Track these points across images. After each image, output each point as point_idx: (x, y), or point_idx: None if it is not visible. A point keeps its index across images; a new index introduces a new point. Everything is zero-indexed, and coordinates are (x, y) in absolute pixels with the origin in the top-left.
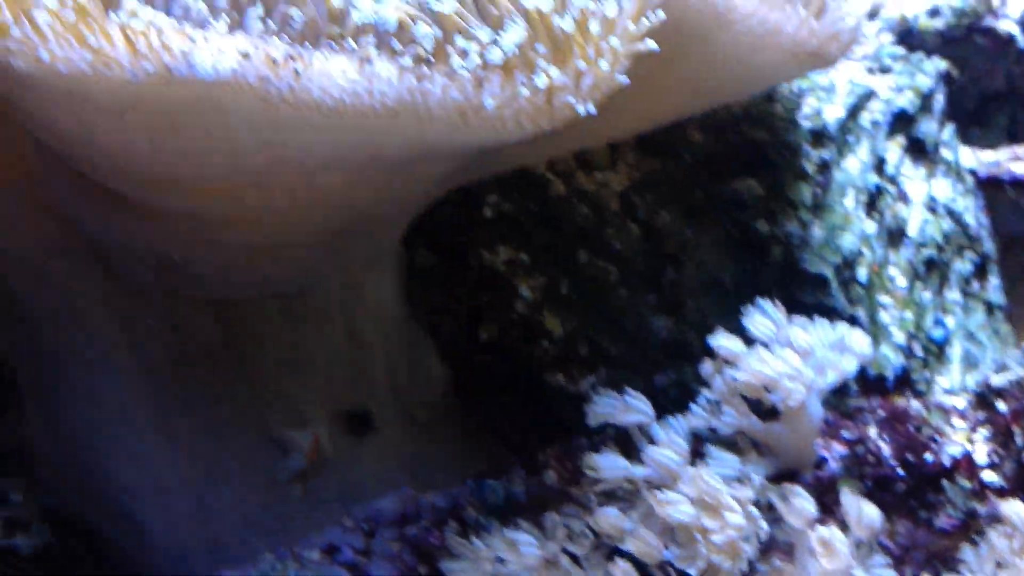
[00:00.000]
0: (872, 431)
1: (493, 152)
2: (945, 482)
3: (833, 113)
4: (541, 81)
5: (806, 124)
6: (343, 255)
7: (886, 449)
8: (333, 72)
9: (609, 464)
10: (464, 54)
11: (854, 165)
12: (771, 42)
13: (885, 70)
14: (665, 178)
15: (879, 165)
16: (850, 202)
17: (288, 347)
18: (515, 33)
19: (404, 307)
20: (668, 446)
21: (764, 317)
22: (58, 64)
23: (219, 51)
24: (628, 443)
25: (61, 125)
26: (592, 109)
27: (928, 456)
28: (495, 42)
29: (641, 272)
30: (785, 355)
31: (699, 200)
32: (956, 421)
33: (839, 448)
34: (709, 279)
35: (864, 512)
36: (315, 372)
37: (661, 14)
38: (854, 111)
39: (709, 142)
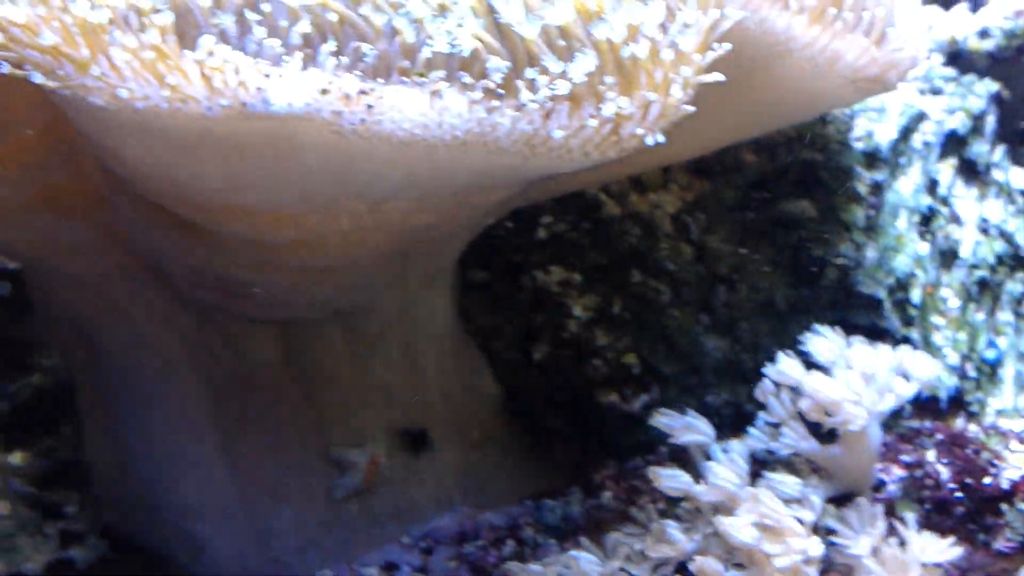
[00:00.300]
0: (931, 454)
1: (552, 177)
2: (1004, 505)
3: (886, 134)
4: (609, 111)
5: (859, 146)
6: (402, 275)
7: (945, 472)
8: (404, 106)
9: (672, 478)
10: (533, 85)
11: (907, 186)
12: (831, 70)
13: (936, 91)
14: (717, 199)
15: (931, 186)
16: (903, 223)
17: (347, 366)
18: (584, 63)
19: (459, 324)
20: (729, 467)
21: (824, 340)
22: (135, 101)
23: (293, 87)
24: (685, 463)
25: (132, 156)
26: (660, 138)
27: (987, 480)
28: (564, 73)
29: (694, 293)
30: (847, 379)
31: (752, 221)
32: (1014, 445)
33: (898, 471)
34: (762, 300)
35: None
36: (373, 390)
37: (726, 44)
38: (906, 132)
39: (762, 163)
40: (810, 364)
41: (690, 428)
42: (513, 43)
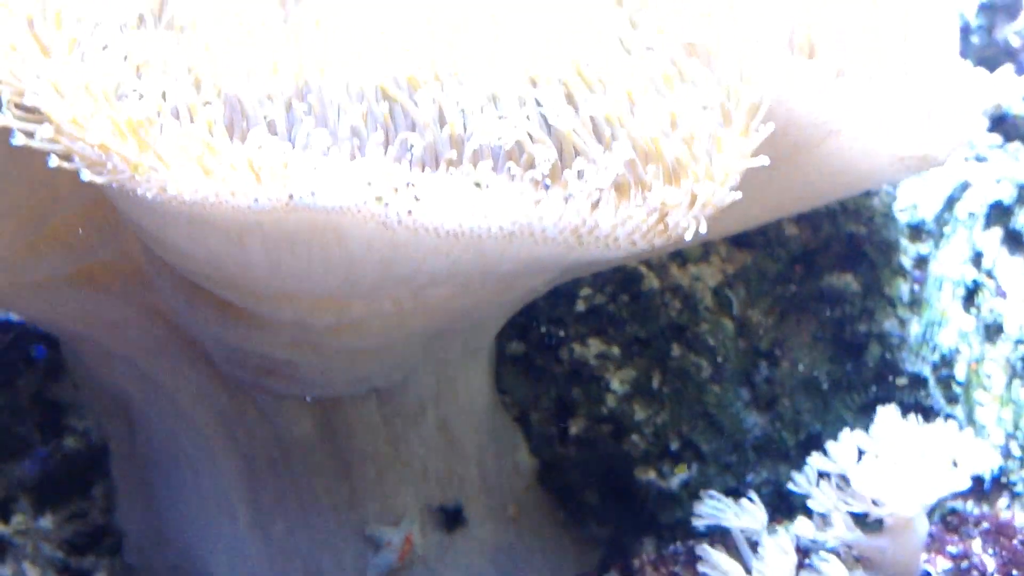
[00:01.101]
0: (976, 544)
1: (597, 261)
2: None
3: (930, 205)
4: (655, 201)
5: (903, 217)
6: (440, 353)
7: (991, 564)
8: (451, 197)
9: (725, 566)
10: (579, 176)
11: (951, 258)
12: (879, 149)
13: (981, 159)
14: (759, 272)
15: (976, 259)
16: (947, 297)
17: (384, 442)
18: (629, 152)
19: (495, 397)
20: (779, 559)
21: (876, 427)
22: (183, 194)
23: (341, 180)
24: (727, 546)
25: (176, 241)
26: (704, 227)
27: None
28: (610, 163)
29: (735, 368)
30: (897, 470)
31: (794, 295)
32: None
33: (943, 562)
34: (804, 376)
35: None
36: (409, 467)
37: (771, 126)
38: (951, 202)
39: (804, 235)
40: (858, 451)
41: (743, 513)
42: (559, 133)
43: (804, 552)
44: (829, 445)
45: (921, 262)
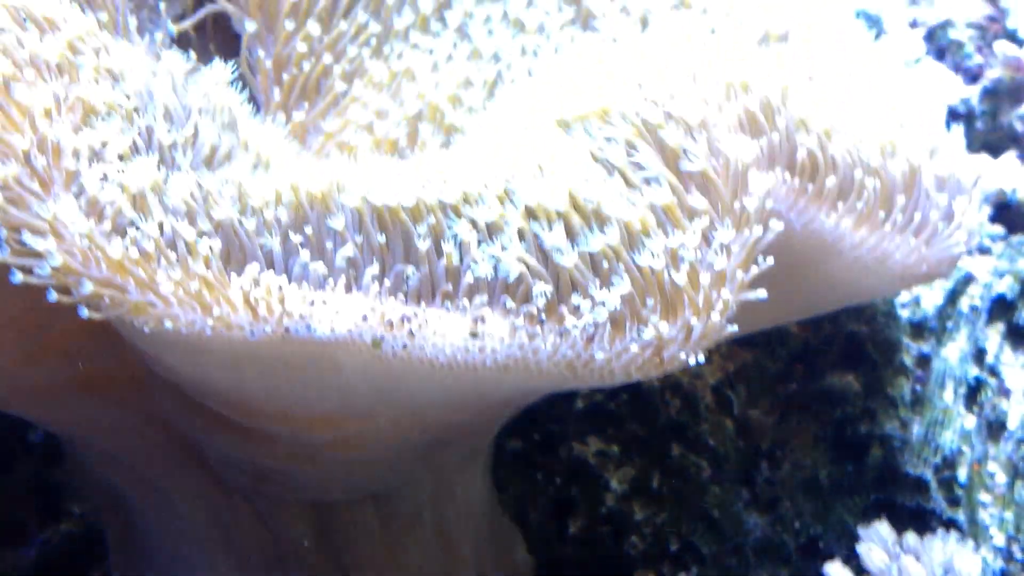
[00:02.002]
0: None
1: None
2: None
3: (932, 300)
4: (650, 335)
5: (904, 314)
6: (437, 458)
7: None
8: (447, 331)
9: None
10: (576, 310)
11: (953, 354)
12: (880, 268)
13: (984, 251)
14: (759, 370)
15: (979, 355)
16: (949, 396)
17: (381, 546)
18: (625, 288)
19: (493, 496)
20: None
21: (876, 546)
22: (180, 328)
23: (336, 313)
24: None
25: (173, 364)
26: (701, 359)
27: None
28: (606, 297)
29: (735, 468)
30: None
31: (795, 394)
32: None
33: None
34: (805, 477)
35: None
36: (407, 571)
37: (770, 260)
38: (953, 296)
39: (805, 334)
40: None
41: None
42: (556, 267)
43: None
44: (830, 567)
45: (923, 360)
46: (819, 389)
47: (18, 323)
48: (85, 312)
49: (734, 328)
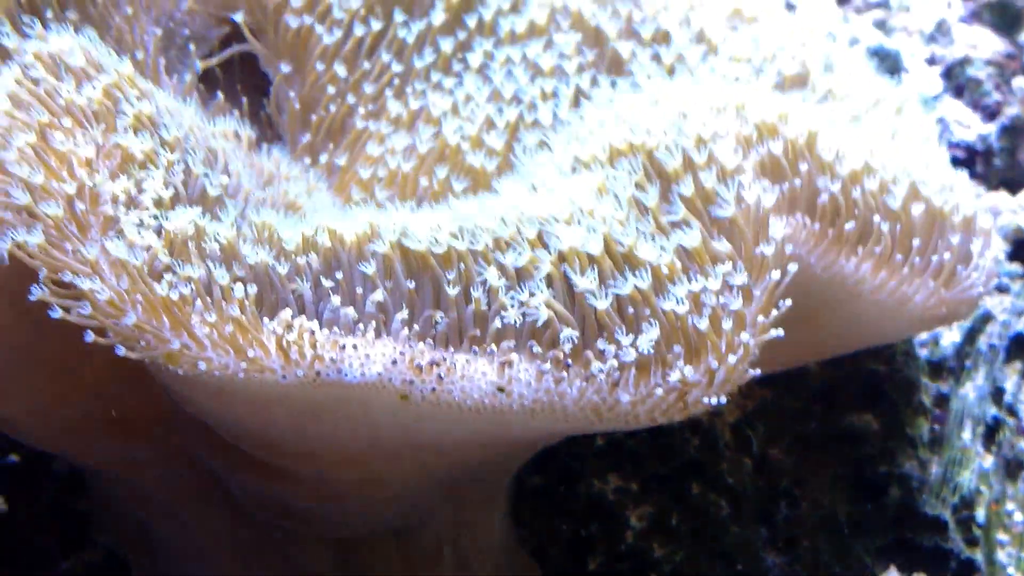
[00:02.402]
0: None
1: None
2: None
3: (950, 338)
4: (675, 379)
5: (923, 353)
6: (459, 494)
7: None
8: (475, 376)
9: None
10: (602, 355)
11: (972, 393)
12: (900, 311)
13: (1003, 289)
14: (779, 409)
15: (997, 394)
16: (967, 435)
17: None
18: (652, 333)
19: (512, 532)
20: None
21: None
22: (214, 371)
23: (367, 357)
24: None
25: (203, 404)
26: (723, 401)
27: None
28: (633, 343)
29: (754, 506)
30: None
31: (814, 433)
32: None
33: None
34: (824, 516)
35: None
36: None
37: (788, 302)
38: (971, 335)
39: (825, 373)
40: None
41: None
42: (584, 312)
43: None
44: None
45: (942, 399)
46: (838, 428)
47: (52, 364)
48: (122, 351)
49: (756, 372)
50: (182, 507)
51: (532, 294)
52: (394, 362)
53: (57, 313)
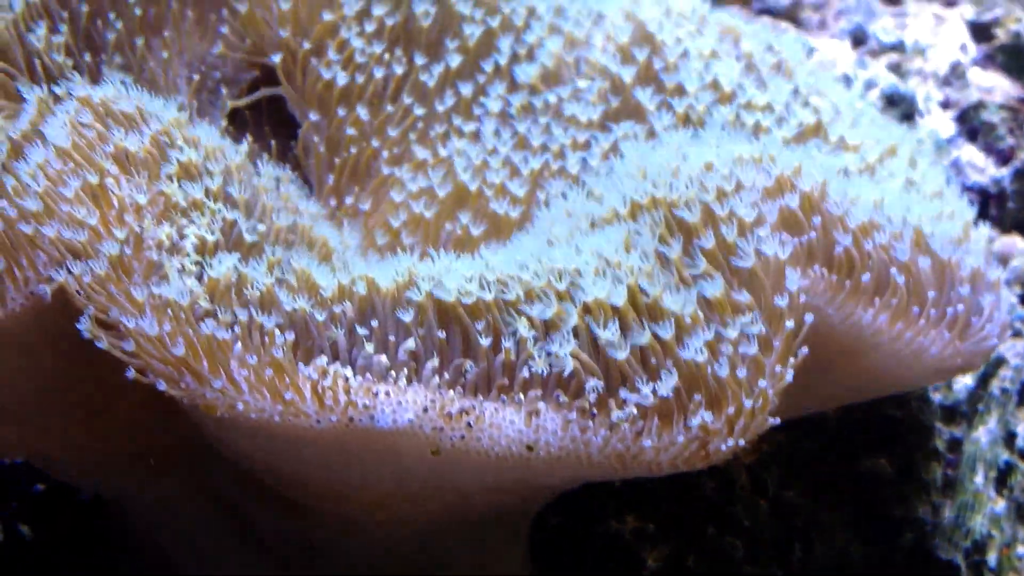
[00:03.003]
0: None
1: None
2: None
3: (963, 382)
4: (695, 426)
5: (937, 398)
6: (480, 536)
7: None
8: (503, 424)
9: None
10: (625, 404)
11: (984, 437)
12: (916, 361)
13: (1016, 334)
14: (794, 452)
15: (1009, 438)
16: (980, 479)
17: None
18: (671, 380)
19: (530, 570)
20: None
21: None
22: (251, 413)
23: (398, 404)
24: None
25: (236, 444)
26: (743, 442)
27: None
28: (654, 391)
29: (769, 549)
30: None
31: (829, 476)
32: None
33: None
34: (838, 559)
35: None
36: None
37: (805, 350)
38: (984, 379)
39: (840, 416)
40: None
41: None
42: (607, 362)
43: None
44: None
45: (955, 444)
46: (853, 472)
47: (89, 401)
48: (163, 387)
49: (776, 421)
50: (205, 539)
51: (560, 345)
52: (425, 409)
53: (103, 344)
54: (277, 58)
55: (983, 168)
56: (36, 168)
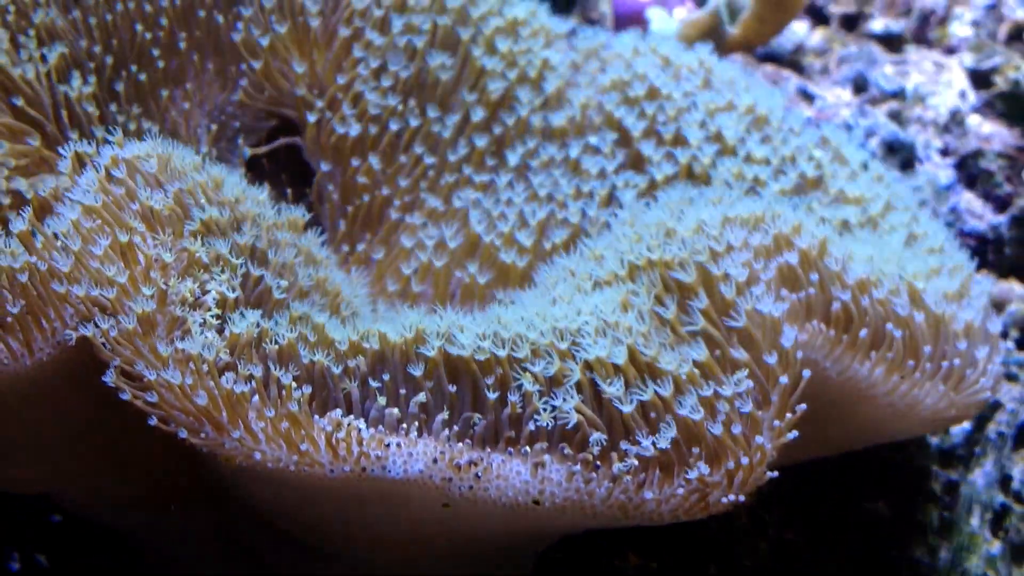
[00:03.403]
0: None
1: None
2: None
3: (960, 426)
4: (695, 479)
5: (934, 441)
6: (484, 570)
7: None
8: (510, 475)
9: None
10: (625, 455)
11: (980, 480)
12: (911, 413)
13: (1012, 378)
14: (793, 493)
15: (1004, 481)
16: (976, 521)
17: None
18: (671, 434)
19: None
20: None
21: None
22: (267, 463)
23: (409, 455)
24: None
25: (251, 490)
26: (743, 498)
27: None
28: (654, 443)
29: None
30: None
31: (828, 518)
32: None
33: None
34: None
35: None
36: None
37: (803, 406)
38: (981, 423)
39: (839, 459)
40: None
41: None
42: (611, 415)
43: None
44: None
45: (951, 486)
46: (851, 514)
47: (112, 445)
48: (184, 434)
49: (774, 474)
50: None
51: (565, 399)
52: (435, 460)
53: (127, 396)
54: (293, 112)
55: (981, 214)
56: (69, 226)
